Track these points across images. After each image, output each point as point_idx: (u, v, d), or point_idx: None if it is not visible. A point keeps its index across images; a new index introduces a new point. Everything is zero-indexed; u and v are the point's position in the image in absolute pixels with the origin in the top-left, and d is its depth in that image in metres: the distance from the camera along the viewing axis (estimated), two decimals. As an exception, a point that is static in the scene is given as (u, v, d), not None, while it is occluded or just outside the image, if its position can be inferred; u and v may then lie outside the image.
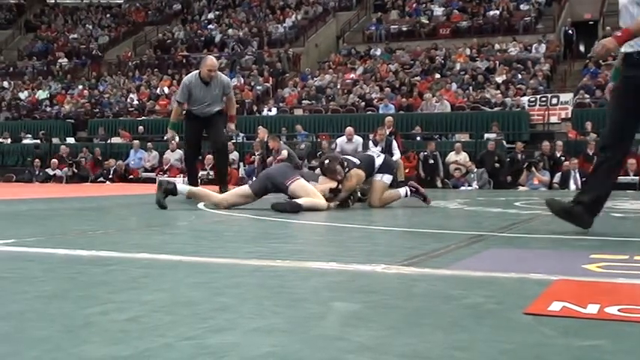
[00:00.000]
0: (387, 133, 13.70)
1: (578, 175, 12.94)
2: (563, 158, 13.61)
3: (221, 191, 6.60)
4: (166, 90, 22.78)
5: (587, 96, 16.99)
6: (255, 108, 20.32)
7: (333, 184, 5.77)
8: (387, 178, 6.18)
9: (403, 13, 25.85)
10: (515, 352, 1.32)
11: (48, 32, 31.94)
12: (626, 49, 3.62)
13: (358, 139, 13.03)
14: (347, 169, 5.85)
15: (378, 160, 6.13)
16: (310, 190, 5.53)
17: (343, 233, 4.04)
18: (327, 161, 5.92)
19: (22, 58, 29.95)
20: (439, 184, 13.90)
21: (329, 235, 4.00)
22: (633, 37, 3.55)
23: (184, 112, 7.50)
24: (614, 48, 3.60)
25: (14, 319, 1.55)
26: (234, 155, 14.78)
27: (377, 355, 1.27)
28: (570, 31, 22.19)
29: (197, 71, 7.30)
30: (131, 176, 16.08)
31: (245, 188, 5.96)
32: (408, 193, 6.38)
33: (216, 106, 7.26)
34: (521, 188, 12.76)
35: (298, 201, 5.33)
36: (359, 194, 6.23)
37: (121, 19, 32.12)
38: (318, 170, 6.34)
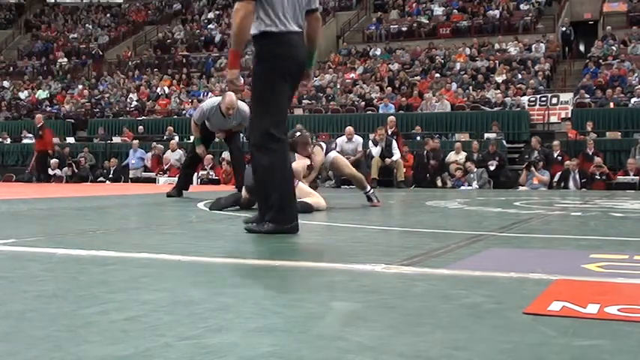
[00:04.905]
0: (390, 132, 13.69)
1: (577, 176, 12.93)
2: (560, 158, 13.59)
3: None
4: (166, 90, 22.77)
5: (587, 96, 16.99)
6: (255, 108, 20.26)
7: (308, 162, 5.92)
8: (337, 153, 6.86)
9: (403, 12, 25.86)
10: (514, 351, 1.31)
11: (48, 32, 31.94)
12: None
13: (358, 139, 13.02)
14: (313, 145, 6.17)
15: (324, 145, 6.66)
16: (309, 192, 5.52)
17: (343, 233, 4.04)
18: (298, 133, 6.02)
19: (21, 57, 29.94)
20: (439, 183, 13.90)
21: (329, 235, 3.99)
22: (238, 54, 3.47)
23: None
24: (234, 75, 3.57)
25: (14, 319, 1.55)
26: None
27: (377, 355, 1.27)
28: (568, 31, 22.19)
29: (217, 101, 7.60)
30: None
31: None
32: (369, 190, 6.47)
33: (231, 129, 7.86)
34: (521, 188, 12.75)
35: (307, 201, 5.28)
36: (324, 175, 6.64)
37: (120, 19, 32.13)
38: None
